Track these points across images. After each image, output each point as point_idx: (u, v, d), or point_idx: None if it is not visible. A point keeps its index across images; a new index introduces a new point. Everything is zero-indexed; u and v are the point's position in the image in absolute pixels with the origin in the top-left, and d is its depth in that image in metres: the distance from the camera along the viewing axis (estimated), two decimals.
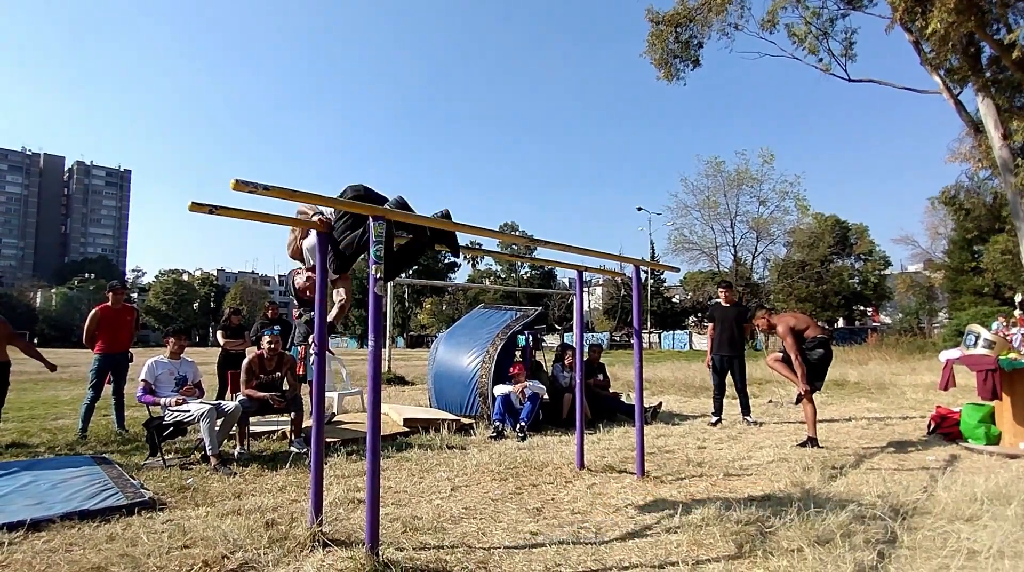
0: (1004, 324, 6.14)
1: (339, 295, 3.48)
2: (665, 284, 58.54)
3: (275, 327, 6.03)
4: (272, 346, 5.71)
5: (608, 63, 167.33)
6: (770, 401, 9.81)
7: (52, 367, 6.08)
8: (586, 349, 7.47)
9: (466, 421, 6.94)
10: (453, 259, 67.76)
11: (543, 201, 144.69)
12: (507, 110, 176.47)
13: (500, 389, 6.90)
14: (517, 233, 61.06)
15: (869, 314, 48.81)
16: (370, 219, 2.74)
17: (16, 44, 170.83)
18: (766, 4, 18.64)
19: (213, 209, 2.54)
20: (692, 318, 53.66)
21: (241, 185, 2.21)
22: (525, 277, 65.28)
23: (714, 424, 7.22)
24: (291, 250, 3.71)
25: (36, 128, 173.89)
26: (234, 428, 5.23)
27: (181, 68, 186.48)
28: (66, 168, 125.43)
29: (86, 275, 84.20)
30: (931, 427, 6.43)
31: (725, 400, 7.61)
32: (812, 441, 5.68)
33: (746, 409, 7.51)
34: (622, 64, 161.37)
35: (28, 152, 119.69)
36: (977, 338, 5.80)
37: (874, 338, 30.13)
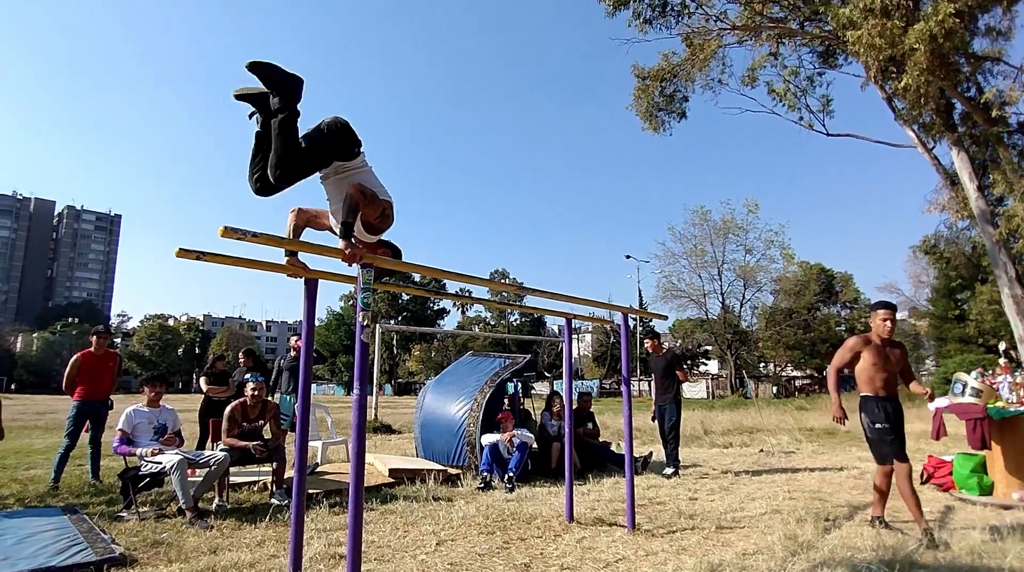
0: (981, 374, 6.13)
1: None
2: (647, 331, 58.60)
3: (259, 374, 5.93)
4: (256, 393, 5.61)
5: (594, 113, 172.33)
6: (761, 450, 9.70)
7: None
8: (575, 397, 7.40)
9: (453, 471, 6.78)
10: (443, 305, 67.85)
11: (533, 248, 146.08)
12: (497, 159, 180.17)
13: (488, 438, 6.78)
14: (507, 280, 61.35)
15: None
16: (359, 268, 2.74)
17: (13, 88, 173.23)
18: (746, 61, 19.42)
19: (200, 255, 2.54)
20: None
21: (229, 232, 2.21)
22: (515, 324, 65.20)
23: (669, 476, 7.05)
24: (298, 232, 3.08)
25: (29, 172, 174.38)
26: None
27: (174, 115, 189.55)
28: (56, 212, 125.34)
29: (69, 320, 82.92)
30: (924, 477, 6.37)
31: (705, 450, 7.53)
32: (878, 520, 4.53)
33: (671, 459, 7.38)
34: (608, 114, 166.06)
35: (19, 196, 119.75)
36: (964, 386, 5.81)
37: None
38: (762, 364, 45.83)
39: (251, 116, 2.72)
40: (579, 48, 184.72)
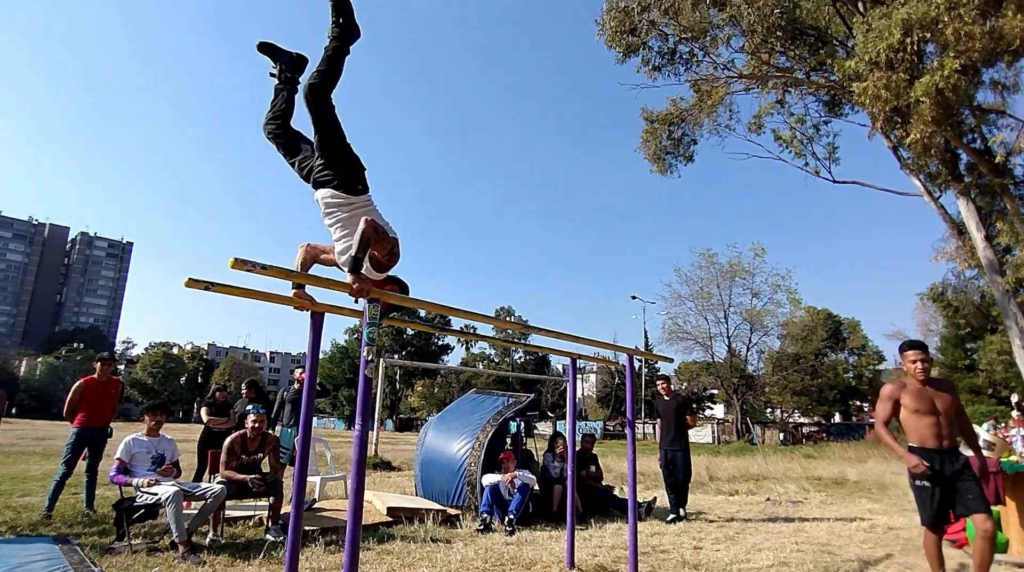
0: (994, 426, 6.01)
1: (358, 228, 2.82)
2: (660, 373, 58.10)
3: (260, 406, 5.89)
4: (256, 425, 5.56)
5: (602, 154, 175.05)
6: (768, 499, 9.48)
7: None
8: (578, 438, 7.30)
9: (452, 512, 6.65)
10: (448, 341, 67.62)
11: (538, 286, 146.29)
12: (505, 197, 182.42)
13: (489, 479, 6.67)
14: (512, 317, 61.28)
15: (866, 409, 48.25)
16: (366, 303, 2.75)
17: (36, 114, 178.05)
18: (753, 108, 19.77)
19: (209, 285, 2.55)
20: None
21: (239, 263, 2.23)
22: (519, 361, 64.79)
23: (670, 521, 6.99)
24: (306, 266, 3.15)
25: (46, 197, 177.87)
26: None
27: (189, 146, 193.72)
28: (69, 238, 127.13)
29: (75, 345, 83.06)
30: None
31: (710, 497, 7.39)
32: None
33: (681, 501, 7.38)
34: (616, 155, 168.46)
35: (34, 222, 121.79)
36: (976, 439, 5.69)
37: (872, 435, 29.59)
38: (768, 409, 45.18)
39: (272, 74, 3.19)
40: (589, 89, 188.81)
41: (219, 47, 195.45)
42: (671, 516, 7.13)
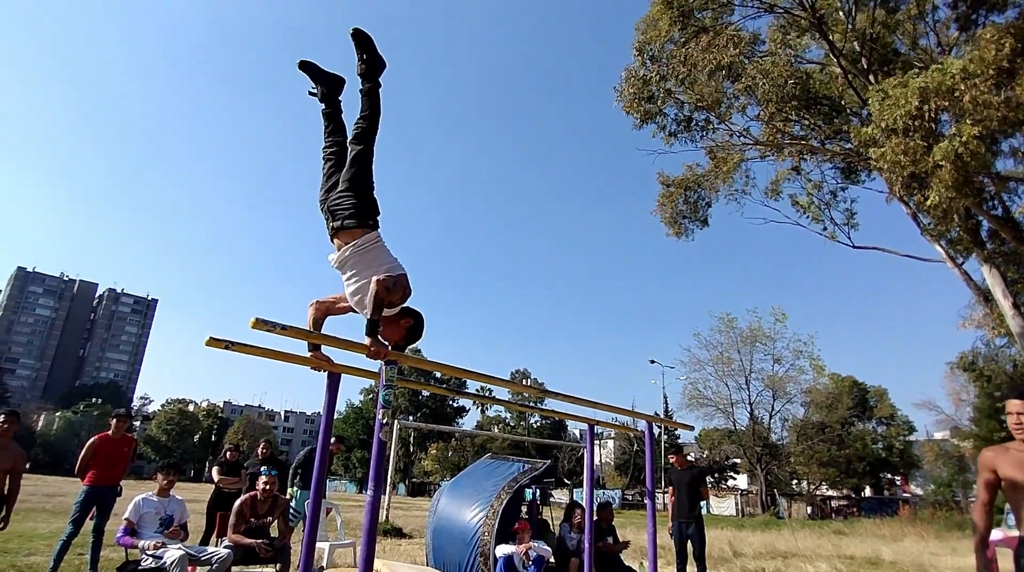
0: None
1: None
2: (679, 440, 56.52)
3: (272, 468, 5.80)
4: (267, 487, 5.46)
5: (618, 217, 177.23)
6: None
7: (2, 524, 5.12)
8: (596, 507, 7.05)
9: None
10: (463, 404, 66.83)
11: (555, 349, 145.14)
12: (521, 259, 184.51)
13: (503, 549, 6.41)
14: (528, 381, 60.57)
15: (898, 483, 46.09)
16: (383, 366, 2.74)
17: (70, 170, 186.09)
18: (770, 174, 20.00)
19: (229, 345, 2.58)
20: (709, 478, 50.89)
21: (260, 324, 2.26)
22: (535, 425, 63.57)
23: None
24: (318, 324, 3.13)
25: (76, 252, 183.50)
26: None
27: (216, 205, 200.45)
28: (97, 294, 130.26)
29: (93, 400, 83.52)
30: None
31: None
32: None
33: None
34: (632, 218, 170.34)
35: (65, 278, 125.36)
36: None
37: (906, 511, 28.19)
38: (795, 481, 43.39)
39: (311, 93, 3.44)
40: (602, 154, 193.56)
41: (255, 105, 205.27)
42: None
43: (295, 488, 7.43)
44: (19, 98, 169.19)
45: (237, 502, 5.47)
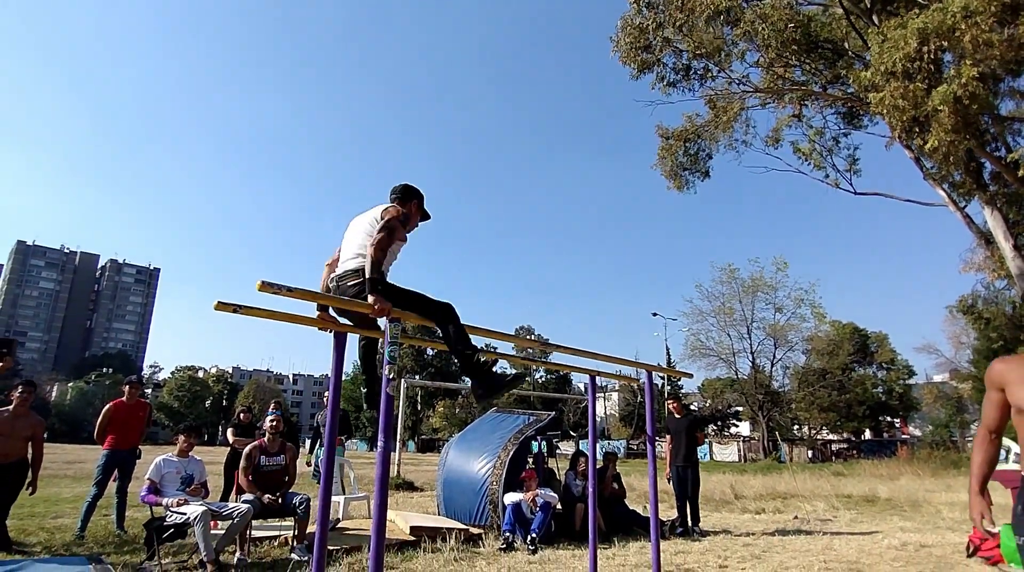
0: None
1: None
2: (683, 390, 57.39)
3: (277, 410, 6.07)
4: (275, 424, 5.69)
5: (619, 170, 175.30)
6: (795, 517, 9.29)
7: (31, 489, 5.57)
8: (600, 457, 7.29)
9: (475, 531, 6.65)
10: None
11: (559, 304, 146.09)
12: (524, 215, 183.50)
13: (511, 497, 6.66)
14: (532, 336, 61.12)
15: (897, 426, 47.01)
16: (386, 321, 2.82)
17: (69, 144, 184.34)
18: (770, 122, 19.71)
19: (237, 308, 2.65)
20: (712, 427, 51.92)
21: (266, 286, 2.32)
22: (540, 381, 64.49)
23: (679, 534, 7.33)
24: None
25: (77, 225, 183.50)
26: None
27: (217, 175, 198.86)
28: (99, 266, 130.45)
29: (104, 370, 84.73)
30: (970, 550, 6.02)
31: (736, 516, 7.30)
32: None
33: (695, 519, 7.68)
34: (633, 170, 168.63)
35: (66, 250, 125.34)
36: (1008, 452, 5.57)
37: (904, 451, 28.82)
38: (796, 426, 44.24)
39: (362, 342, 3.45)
40: (604, 106, 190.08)
41: (256, 78, 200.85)
42: (679, 529, 7.39)
43: (319, 449, 7.66)
44: (11, 68, 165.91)
45: (247, 447, 5.69)
